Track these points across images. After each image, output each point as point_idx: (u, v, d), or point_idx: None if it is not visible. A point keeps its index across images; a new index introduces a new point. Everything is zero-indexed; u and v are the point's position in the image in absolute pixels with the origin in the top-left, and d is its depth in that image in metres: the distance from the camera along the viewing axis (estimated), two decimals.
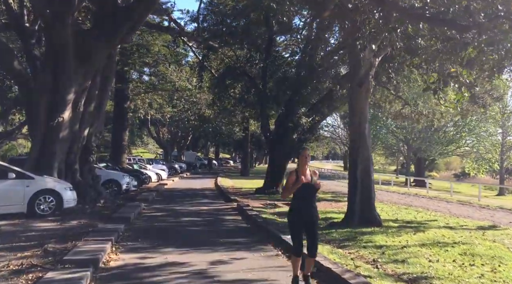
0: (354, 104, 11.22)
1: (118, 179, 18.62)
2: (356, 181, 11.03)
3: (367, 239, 8.81)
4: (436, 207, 17.12)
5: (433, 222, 11.68)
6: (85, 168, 15.45)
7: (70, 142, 14.29)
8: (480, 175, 54.36)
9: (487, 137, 48.95)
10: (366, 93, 11.08)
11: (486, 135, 49.06)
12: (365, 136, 11.13)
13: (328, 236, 9.44)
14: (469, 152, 51.89)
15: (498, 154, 47.74)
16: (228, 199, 17.94)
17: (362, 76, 10.97)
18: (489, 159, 48.42)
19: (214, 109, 29.07)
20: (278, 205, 15.73)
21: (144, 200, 16.58)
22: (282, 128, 20.16)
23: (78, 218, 11.09)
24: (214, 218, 12.52)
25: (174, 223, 11.34)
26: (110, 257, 7.10)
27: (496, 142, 48.39)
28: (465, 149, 52.63)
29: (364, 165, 11.06)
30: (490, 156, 48.29)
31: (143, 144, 72.64)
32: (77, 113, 14.33)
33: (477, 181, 49.02)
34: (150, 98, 29.41)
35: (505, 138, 48.01)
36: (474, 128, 48.15)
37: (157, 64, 25.19)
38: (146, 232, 9.75)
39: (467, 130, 48.63)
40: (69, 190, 11.69)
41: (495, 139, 49.01)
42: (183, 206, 15.66)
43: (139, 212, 13.10)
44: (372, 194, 11.06)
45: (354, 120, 11.22)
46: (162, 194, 20.32)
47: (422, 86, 22.99)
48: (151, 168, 30.63)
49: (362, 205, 10.91)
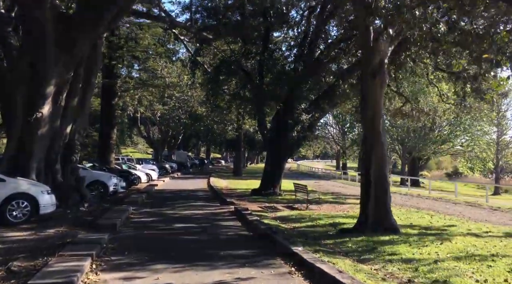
0: (367, 97, 10.07)
1: (104, 180, 17.28)
2: (370, 183, 9.89)
3: (389, 250, 7.68)
4: (445, 209, 16.09)
5: (453, 228, 10.59)
6: (67, 169, 14.12)
7: (51, 140, 12.96)
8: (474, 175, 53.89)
9: (482, 136, 48.44)
10: (381, 85, 9.93)
11: (480, 134, 48.53)
12: (379, 133, 9.99)
13: (343, 246, 8.29)
14: (464, 151, 51.32)
15: (493, 153, 47.20)
16: (224, 201, 16.72)
17: (376, 66, 9.82)
18: (484, 158, 47.89)
19: (207, 106, 27.81)
20: (278, 209, 14.55)
21: (132, 203, 15.31)
22: (280, 126, 18.97)
23: (56, 226, 9.78)
24: (211, 224, 11.28)
25: (166, 231, 10.08)
26: (88, 278, 5.84)
27: (492, 141, 47.86)
28: (458, 148, 52.11)
29: (379, 165, 9.92)
30: (484, 155, 47.75)
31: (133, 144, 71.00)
32: (58, 107, 12.98)
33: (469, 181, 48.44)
34: (139, 94, 28.01)
35: (500, 137, 47.48)
36: (469, 127, 47.55)
37: (147, 59, 23.83)
38: (134, 243, 8.49)
39: (462, 128, 48.05)
40: (47, 194, 10.36)
41: (490, 138, 48.49)
42: (175, 209, 14.40)
43: (126, 217, 11.82)
44: (388, 198, 9.94)
45: (367, 115, 10.07)
46: (152, 196, 19.02)
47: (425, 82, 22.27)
48: (140, 168, 29.32)
49: (377, 209, 9.78)
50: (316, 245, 8.18)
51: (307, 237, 9.45)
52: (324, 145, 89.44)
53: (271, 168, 19.88)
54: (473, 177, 54.85)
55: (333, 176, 46.09)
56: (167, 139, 50.70)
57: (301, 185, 15.78)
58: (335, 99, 18.95)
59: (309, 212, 13.71)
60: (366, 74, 10.10)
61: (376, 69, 9.76)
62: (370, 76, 9.83)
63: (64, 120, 13.59)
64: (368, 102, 9.97)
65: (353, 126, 56.62)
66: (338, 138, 63.98)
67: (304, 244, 8.10)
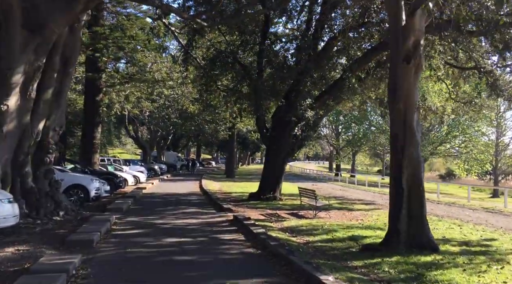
0: (397, 86, 8.35)
1: (85, 183, 15.39)
2: (402, 191, 8.17)
3: (441, 279, 5.99)
4: (466, 216, 14.53)
5: (496, 243, 8.96)
6: (40, 171, 12.17)
7: (19, 138, 11.03)
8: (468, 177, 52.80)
9: (480, 137, 47.36)
10: (416, 71, 8.24)
11: (478, 135, 47.44)
12: (413, 130, 8.31)
13: (379, 270, 6.57)
14: (461, 152, 50.27)
15: (492, 155, 46.12)
16: (220, 207, 14.91)
17: (410, 49, 8.13)
18: (482, 159, 46.80)
19: (199, 103, 25.95)
20: (283, 217, 12.81)
21: (116, 211, 13.48)
22: (281, 124, 17.23)
23: (17, 243, 7.91)
24: (208, 237, 9.47)
25: (155, 248, 8.25)
26: None
27: (491, 142, 46.75)
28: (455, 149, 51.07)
29: (413, 169, 8.23)
30: (482, 157, 46.63)
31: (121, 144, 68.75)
32: (27, 100, 11.04)
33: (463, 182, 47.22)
34: (127, 91, 25.99)
35: (499, 138, 46.43)
36: (468, 127, 46.43)
37: (135, 51, 21.89)
38: (112, 268, 6.67)
39: (460, 129, 46.96)
40: (7, 202, 8.45)
41: (489, 139, 47.43)
42: (165, 218, 12.56)
43: (108, 230, 9.98)
44: (423, 208, 8.25)
45: (398, 108, 8.36)
46: (140, 201, 17.13)
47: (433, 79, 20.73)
48: (127, 170, 27.43)
49: (411, 223, 8.08)
50: (345, 270, 6.47)
51: (327, 255, 7.75)
52: (316, 146, 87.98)
53: (270, 170, 18.12)
54: (466, 179, 53.78)
55: (329, 178, 44.50)
56: (156, 139, 48.67)
57: (308, 190, 14.06)
58: (342, 95, 17.26)
59: (319, 221, 11.99)
60: (396, 59, 8.39)
61: (411, 52, 8.07)
62: (403, 61, 8.13)
63: (36, 115, 11.63)
64: (401, 93, 8.26)
65: (349, 127, 55.23)
66: (332, 138, 62.45)
67: (331, 268, 6.38)
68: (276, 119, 17.78)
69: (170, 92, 32.40)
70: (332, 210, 14.53)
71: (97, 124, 22.53)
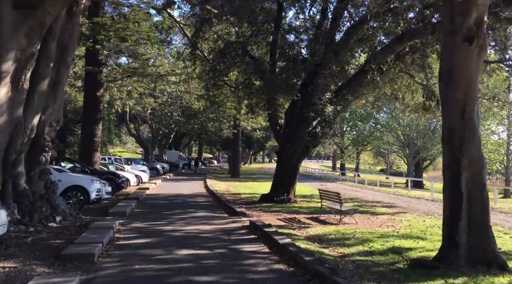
0: (454, 72, 7.05)
1: (85, 184, 14.14)
2: (461, 196, 6.88)
3: None
4: (504, 222, 13.26)
5: None
6: (35, 172, 10.88)
7: (10, 135, 9.76)
8: None
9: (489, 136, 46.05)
10: (479, 53, 6.94)
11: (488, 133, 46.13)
12: (474, 123, 7.01)
13: None
14: None
15: (502, 154, 44.87)
16: (232, 211, 13.64)
17: (473, 27, 6.83)
18: (493, 159, 45.52)
19: (205, 100, 24.64)
20: (304, 222, 11.51)
21: (119, 215, 12.23)
22: (296, 120, 15.94)
23: (2, 259, 6.62)
24: (228, 249, 8.17)
25: (167, 265, 6.95)
26: None
27: (501, 140, 45.48)
28: None
29: (474, 170, 6.94)
30: (492, 156, 45.34)
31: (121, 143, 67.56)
32: (20, 91, 9.77)
33: None
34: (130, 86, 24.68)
35: (511, 136, 45.14)
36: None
37: (137, 43, 20.58)
38: None
39: None
40: None
41: (499, 137, 46.16)
42: (174, 223, 11.27)
43: (110, 239, 8.69)
44: (487, 217, 6.94)
45: (456, 98, 7.05)
46: (144, 203, 15.86)
47: None
48: (129, 169, 26.17)
49: (473, 234, 6.79)
50: None
51: (373, 274, 6.47)
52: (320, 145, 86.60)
53: (284, 170, 16.82)
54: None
55: (336, 178, 43.19)
56: (158, 138, 47.40)
57: (330, 193, 12.76)
58: (362, 89, 15.95)
59: (347, 228, 10.70)
60: (453, 41, 7.08)
61: (474, 31, 6.77)
62: (464, 42, 6.83)
63: (30, 108, 10.35)
64: (459, 80, 6.96)
65: (355, 125, 53.87)
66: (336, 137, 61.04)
67: None
68: (290, 115, 16.48)
69: (173, 88, 31.15)
70: (355, 214, 13.23)
71: (97, 121, 21.21)
